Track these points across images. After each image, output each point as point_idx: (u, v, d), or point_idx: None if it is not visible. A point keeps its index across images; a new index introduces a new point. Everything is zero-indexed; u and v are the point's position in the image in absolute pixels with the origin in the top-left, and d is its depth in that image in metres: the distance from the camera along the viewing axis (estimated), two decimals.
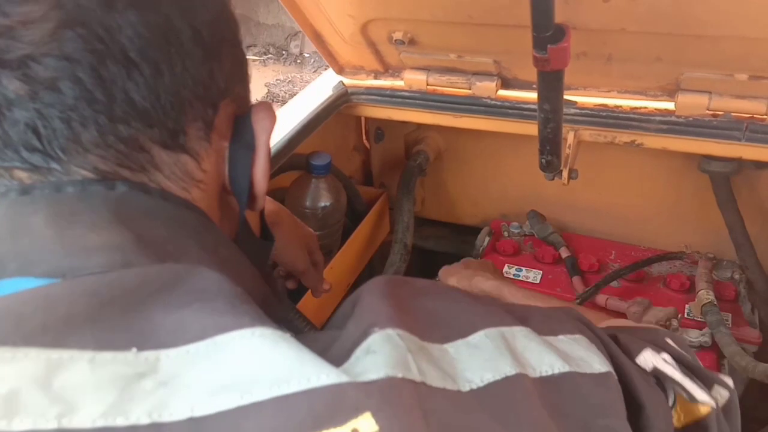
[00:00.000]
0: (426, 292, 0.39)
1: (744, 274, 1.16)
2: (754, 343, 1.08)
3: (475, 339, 0.36)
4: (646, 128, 0.99)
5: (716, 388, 0.51)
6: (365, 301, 0.36)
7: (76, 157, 0.37)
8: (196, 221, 0.41)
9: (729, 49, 0.87)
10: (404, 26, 1.05)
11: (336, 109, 1.15)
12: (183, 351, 0.30)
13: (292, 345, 0.31)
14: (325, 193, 1.04)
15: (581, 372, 0.38)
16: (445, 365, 0.34)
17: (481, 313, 0.39)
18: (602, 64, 0.98)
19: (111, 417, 0.27)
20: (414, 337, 0.34)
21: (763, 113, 0.94)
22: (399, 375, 0.30)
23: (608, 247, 1.30)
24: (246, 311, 0.32)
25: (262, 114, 0.45)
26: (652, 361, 0.47)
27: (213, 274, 0.34)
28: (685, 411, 0.47)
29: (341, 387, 0.29)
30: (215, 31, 0.41)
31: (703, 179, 1.16)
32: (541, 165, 1.01)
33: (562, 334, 0.41)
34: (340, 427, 0.28)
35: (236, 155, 0.44)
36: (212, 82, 0.41)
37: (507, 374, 0.35)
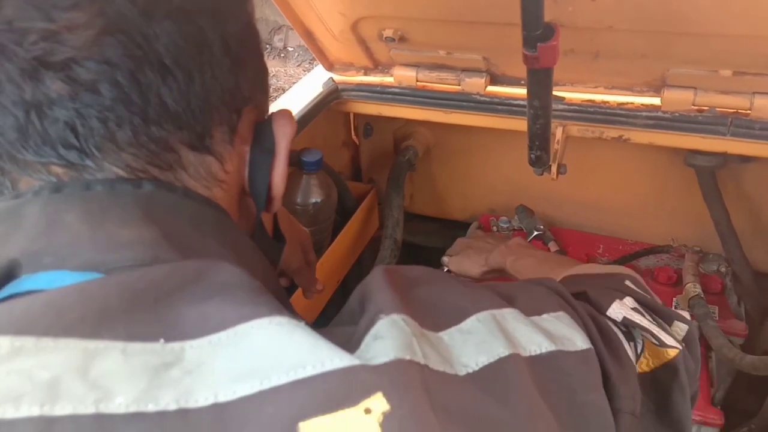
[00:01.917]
0: (418, 282, 0.41)
1: (730, 267, 1.18)
2: (741, 335, 1.10)
3: (467, 324, 0.38)
4: (632, 123, 1.01)
5: (676, 324, 0.55)
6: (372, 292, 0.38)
7: (111, 154, 0.39)
8: (217, 219, 0.43)
9: (713, 46, 0.89)
10: (395, 24, 1.05)
11: (326, 105, 1.16)
12: (206, 341, 0.32)
13: (307, 332, 0.32)
14: (317, 190, 1.05)
15: (566, 350, 0.41)
16: (443, 352, 0.36)
17: (471, 298, 0.41)
18: (590, 60, 0.99)
19: (143, 403, 0.29)
20: (416, 323, 0.36)
21: (747, 108, 0.96)
22: (407, 357, 0.32)
23: (596, 241, 1.32)
24: (264, 302, 0.34)
25: (283, 121, 0.48)
26: (622, 312, 0.50)
27: (233, 268, 0.36)
28: (654, 355, 0.50)
29: (354, 370, 0.31)
30: (242, 43, 0.44)
31: (689, 173, 1.17)
32: (531, 160, 1.02)
33: (546, 313, 0.43)
34: (354, 407, 0.29)
35: (256, 159, 0.46)
36: (237, 90, 0.44)
37: (500, 355, 0.37)
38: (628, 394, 0.45)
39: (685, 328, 0.55)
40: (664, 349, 0.50)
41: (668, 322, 0.55)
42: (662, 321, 0.54)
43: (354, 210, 1.27)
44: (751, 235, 1.22)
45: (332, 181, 1.13)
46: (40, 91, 0.37)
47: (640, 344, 0.51)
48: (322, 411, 0.29)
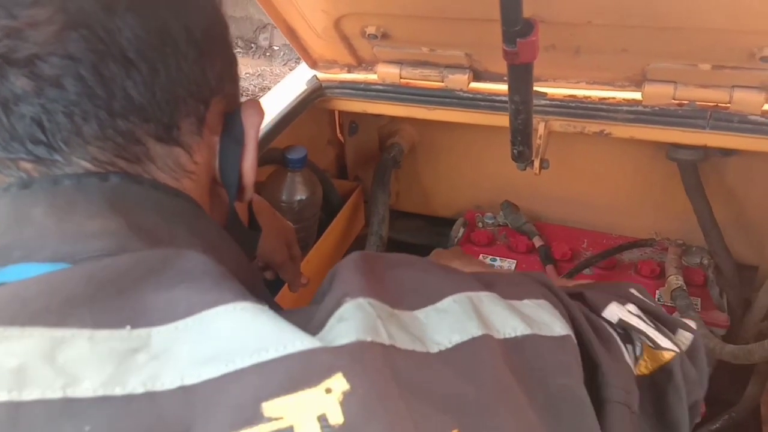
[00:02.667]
0: (397, 264, 0.42)
1: (712, 259, 1.19)
2: (723, 326, 1.11)
3: (443, 304, 0.39)
4: (614, 118, 1.02)
5: (680, 333, 0.55)
6: (340, 275, 0.38)
7: (78, 149, 0.40)
8: (186, 209, 0.44)
9: (692, 40, 0.90)
10: (377, 21, 1.05)
11: (310, 103, 1.16)
12: (172, 327, 0.32)
13: (270, 316, 0.33)
14: (301, 187, 1.05)
15: (542, 335, 0.41)
16: (415, 330, 0.36)
17: (449, 280, 0.41)
18: (570, 56, 1.00)
19: (110, 387, 0.30)
20: (385, 305, 0.36)
21: (726, 102, 0.97)
22: (368, 339, 0.33)
23: (580, 236, 1.33)
24: (229, 288, 0.35)
25: (251, 111, 0.48)
26: (618, 314, 0.50)
27: (199, 256, 0.36)
28: (652, 358, 0.50)
29: (315, 351, 0.32)
30: (208, 33, 0.44)
31: (672, 167, 1.19)
32: (513, 155, 1.02)
33: (527, 299, 0.44)
34: (315, 387, 0.30)
35: (226, 149, 0.47)
36: (204, 80, 0.44)
37: (474, 335, 0.37)
38: (620, 385, 0.45)
39: (689, 337, 0.54)
40: (660, 352, 0.49)
41: (672, 331, 0.54)
42: (665, 328, 0.54)
43: (340, 207, 1.27)
44: (734, 227, 1.23)
45: (317, 178, 1.13)
46: (5, 88, 0.38)
47: (638, 347, 0.50)
48: (284, 391, 0.30)
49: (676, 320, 0.55)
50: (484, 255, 1.28)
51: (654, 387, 0.50)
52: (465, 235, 1.35)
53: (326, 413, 0.29)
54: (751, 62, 0.89)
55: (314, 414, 0.29)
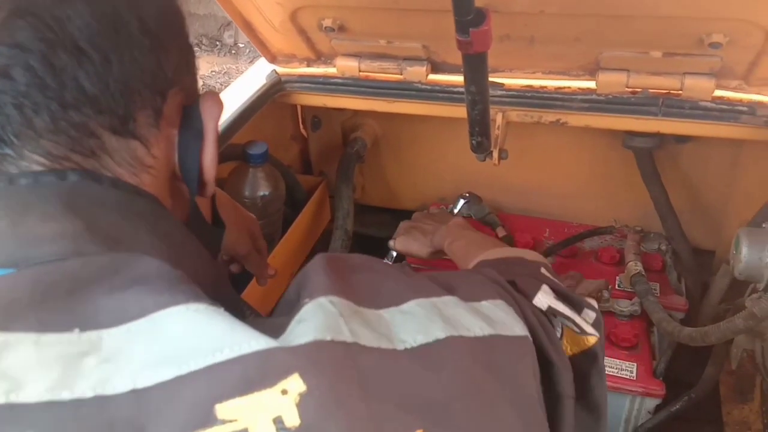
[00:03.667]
0: (360, 268, 0.42)
1: (670, 245, 1.22)
2: (681, 310, 1.14)
3: (407, 307, 0.39)
4: (569, 107, 1.03)
5: (585, 311, 0.57)
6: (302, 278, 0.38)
7: (29, 142, 0.39)
8: (147, 207, 0.43)
9: (643, 28, 0.91)
10: (333, 13, 1.05)
11: (270, 97, 1.15)
12: (124, 329, 0.32)
13: (225, 317, 0.33)
14: (264, 182, 1.04)
15: (504, 335, 0.41)
16: (381, 328, 0.36)
17: (410, 285, 0.41)
18: (525, 46, 1.01)
19: (56, 392, 0.29)
20: (349, 302, 0.36)
21: (678, 88, 0.99)
22: (327, 338, 0.33)
23: (543, 225, 1.34)
24: (183, 290, 0.34)
25: (210, 102, 0.47)
26: (546, 301, 0.52)
27: (153, 260, 0.36)
28: (573, 342, 0.52)
29: (270, 352, 0.31)
30: (162, 23, 0.44)
31: (628, 155, 1.21)
32: (472, 146, 1.03)
33: (485, 300, 0.44)
34: (270, 388, 0.30)
35: (185, 142, 0.46)
36: (160, 71, 0.43)
37: (438, 337, 0.37)
38: (569, 379, 0.46)
39: (593, 316, 0.56)
40: (584, 337, 0.51)
41: (578, 310, 0.56)
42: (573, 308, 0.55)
43: (305, 203, 1.26)
44: (690, 213, 1.26)
45: (280, 173, 1.12)
46: None
47: (559, 331, 0.52)
48: (238, 393, 0.29)
49: (582, 300, 0.57)
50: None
51: (575, 370, 0.51)
52: None
53: (282, 415, 0.29)
54: (701, 48, 0.91)
55: (270, 416, 0.29)
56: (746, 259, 0.94)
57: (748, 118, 0.95)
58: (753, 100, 0.96)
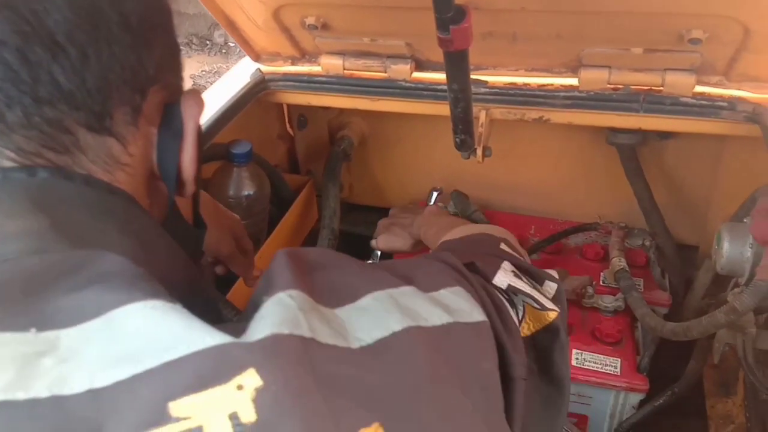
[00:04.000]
0: (316, 265, 0.41)
1: (654, 241, 1.22)
2: (665, 305, 1.14)
3: (363, 302, 0.39)
4: (551, 104, 1.03)
5: (546, 284, 0.57)
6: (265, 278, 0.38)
7: (1, 137, 0.38)
8: (120, 205, 0.42)
9: (624, 25, 0.92)
10: (316, 11, 1.05)
11: (254, 96, 1.15)
12: (81, 329, 0.31)
13: (181, 314, 0.32)
14: (248, 182, 1.04)
15: (462, 322, 0.42)
16: (337, 326, 0.36)
17: (368, 278, 0.41)
18: (508, 43, 1.01)
19: (10, 392, 0.29)
20: (307, 296, 0.36)
21: (659, 85, 0.99)
22: (285, 332, 0.32)
23: (528, 222, 1.35)
24: (142, 287, 0.33)
25: (191, 101, 0.46)
26: (506, 280, 0.52)
27: (115, 258, 0.35)
28: (534, 319, 0.52)
29: (225, 347, 0.31)
30: (145, 18, 0.43)
31: (612, 151, 1.21)
32: (456, 144, 1.03)
33: (443, 288, 0.44)
34: (225, 384, 0.29)
35: (164, 141, 0.45)
36: (141, 68, 0.43)
37: (395, 330, 0.37)
38: (521, 361, 0.46)
39: (554, 287, 0.57)
40: (545, 312, 0.51)
41: (540, 283, 0.56)
42: (535, 281, 0.56)
43: (291, 202, 1.26)
44: (674, 209, 1.27)
45: (265, 173, 1.12)
46: None
47: (521, 309, 0.52)
48: (192, 390, 0.29)
49: (542, 272, 0.57)
50: None
51: (537, 346, 0.52)
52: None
53: (238, 411, 0.29)
54: (681, 44, 0.92)
55: (225, 412, 0.29)
56: (728, 254, 0.95)
57: (728, 113, 0.96)
58: (733, 95, 0.97)
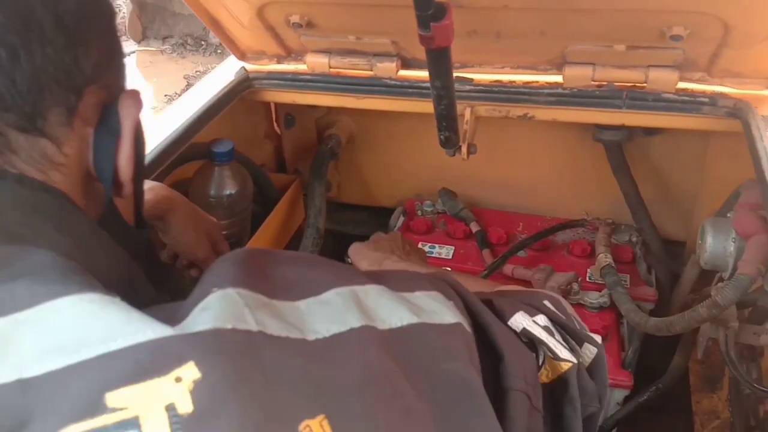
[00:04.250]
0: (284, 260, 0.41)
1: (640, 236, 1.23)
2: (650, 300, 1.15)
3: (326, 296, 0.38)
4: (536, 101, 1.04)
5: (586, 346, 0.55)
6: (214, 269, 0.38)
7: None
8: (54, 204, 0.42)
9: (606, 22, 0.92)
10: (300, 9, 1.05)
11: (237, 94, 1.14)
12: (12, 319, 0.31)
13: (120, 307, 0.32)
14: (230, 181, 1.04)
15: (431, 323, 0.41)
16: (293, 319, 0.36)
17: (335, 274, 0.41)
18: (492, 41, 1.01)
19: None
20: (259, 295, 0.36)
21: (642, 81, 1.00)
22: (228, 326, 0.32)
23: (516, 220, 1.35)
24: (77, 281, 0.33)
25: (129, 101, 0.46)
26: (522, 323, 0.50)
27: (46, 253, 0.35)
28: (552, 368, 0.51)
29: (166, 340, 0.31)
30: (81, 19, 0.42)
31: (599, 148, 1.22)
32: (441, 141, 1.03)
33: (418, 291, 0.44)
34: (164, 376, 0.29)
35: (100, 141, 0.45)
36: (76, 69, 0.42)
37: (353, 326, 0.37)
38: (520, 375, 0.45)
39: (594, 351, 0.55)
40: (558, 363, 0.50)
41: (579, 344, 0.54)
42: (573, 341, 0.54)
43: (277, 201, 1.26)
44: (661, 204, 1.27)
45: (248, 171, 1.12)
46: None
47: (541, 357, 0.51)
48: (129, 381, 0.29)
49: (583, 334, 0.55)
50: (422, 243, 1.29)
51: (552, 396, 0.50)
52: (404, 223, 1.36)
53: (175, 402, 0.29)
54: (663, 41, 0.92)
55: (162, 403, 0.29)
56: (711, 248, 0.96)
57: (709, 109, 0.96)
58: (715, 91, 0.97)
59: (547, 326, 0.53)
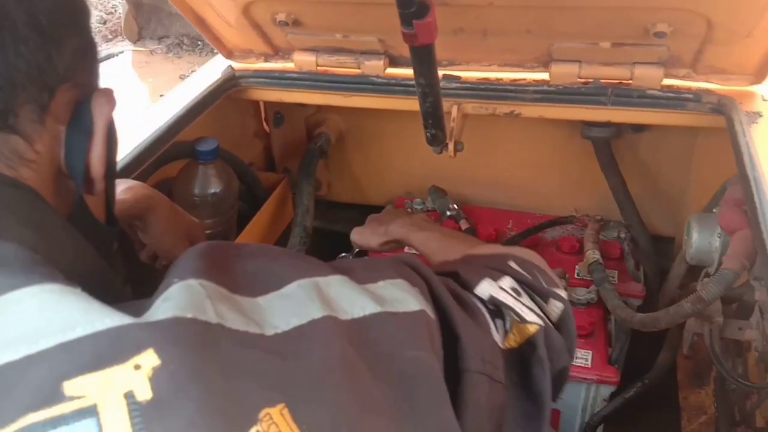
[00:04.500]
0: (248, 254, 0.42)
1: (629, 233, 1.23)
2: (638, 296, 1.15)
3: (287, 290, 0.39)
4: (522, 98, 1.04)
5: (551, 302, 0.58)
6: (178, 262, 0.38)
7: None
8: (23, 200, 0.42)
9: (590, 19, 0.92)
10: (286, 7, 1.04)
11: (223, 93, 1.14)
12: None
13: (80, 297, 0.33)
14: (215, 180, 1.03)
15: (393, 311, 0.42)
16: (254, 314, 0.36)
17: (297, 267, 0.41)
18: (479, 39, 1.01)
19: None
20: (221, 288, 0.36)
21: (628, 78, 1.00)
22: (188, 315, 0.33)
23: (506, 217, 1.35)
24: (38, 272, 0.34)
25: (102, 100, 0.46)
26: (489, 291, 0.52)
27: (9, 245, 0.35)
28: (519, 331, 0.52)
29: (124, 328, 0.31)
30: (56, 18, 0.43)
31: (588, 145, 1.22)
32: (427, 139, 1.04)
33: (382, 280, 0.44)
34: (123, 364, 0.30)
35: (72, 139, 0.45)
36: (50, 67, 0.42)
37: (313, 317, 0.37)
38: (477, 355, 0.46)
39: (560, 307, 0.57)
40: (525, 325, 0.52)
41: (545, 300, 0.57)
42: (539, 298, 0.57)
43: (266, 200, 1.26)
44: (650, 201, 1.28)
45: (234, 170, 1.12)
46: None
47: (508, 321, 0.52)
48: (88, 369, 0.29)
49: (549, 290, 0.57)
50: None
51: (521, 359, 0.52)
52: None
53: (134, 389, 0.29)
54: (647, 38, 0.92)
55: (120, 391, 0.29)
56: (696, 244, 0.96)
57: (694, 105, 0.96)
58: (701, 87, 0.98)
59: (513, 287, 0.55)
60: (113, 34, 4.98)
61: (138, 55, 4.70)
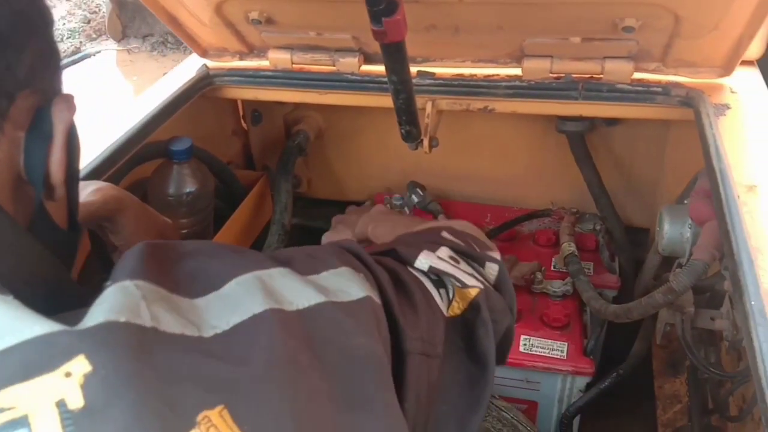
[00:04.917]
0: (188, 254, 0.41)
1: (604, 225, 1.24)
2: (613, 287, 1.17)
3: (226, 289, 0.39)
4: (494, 94, 1.04)
5: (488, 266, 0.60)
6: (117, 264, 0.38)
7: None
8: None
9: (560, 15, 0.93)
10: (259, 5, 1.04)
11: (198, 92, 1.14)
12: None
13: (10, 306, 0.32)
14: (189, 179, 1.03)
15: (338, 301, 0.42)
16: (192, 316, 0.36)
17: (237, 263, 0.41)
18: (451, 35, 1.02)
19: None
20: (159, 288, 0.36)
21: (599, 72, 1.01)
22: (121, 319, 0.32)
23: (484, 211, 1.36)
24: None
25: (62, 106, 0.46)
26: (428, 262, 0.54)
27: None
28: (462, 297, 0.54)
29: (54, 335, 0.31)
30: (16, 25, 0.42)
31: (563, 139, 1.23)
32: (402, 135, 1.04)
33: (325, 271, 0.45)
34: (52, 372, 0.29)
35: (32, 145, 0.45)
36: (9, 73, 0.42)
37: (254, 312, 0.37)
38: (416, 336, 0.47)
39: (496, 269, 0.59)
40: (467, 290, 0.53)
41: (481, 265, 0.58)
42: (476, 264, 0.58)
43: (244, 198, 1.26)
44: (625, 193, 1.29)
45: (210, 169, 1.11)
46: None
47: (450, 289, 0.54)
48: (17, 380, 0.29)
49: (483, 255, 0.60)
50: None
51: (465, 324, 0.53)
52: None
53: (65, 398, 0.29)
54: (616, 33, 0.93)
55: (52, 400, 0.28)
56: (668, 235, 0.97)
57: (663, 98, 0.97)
58: (671, 81, 0.99)
59: (451, 255, 0.57)
60: (97, 34, 4.93)
61: (122, 54, 4.66)
